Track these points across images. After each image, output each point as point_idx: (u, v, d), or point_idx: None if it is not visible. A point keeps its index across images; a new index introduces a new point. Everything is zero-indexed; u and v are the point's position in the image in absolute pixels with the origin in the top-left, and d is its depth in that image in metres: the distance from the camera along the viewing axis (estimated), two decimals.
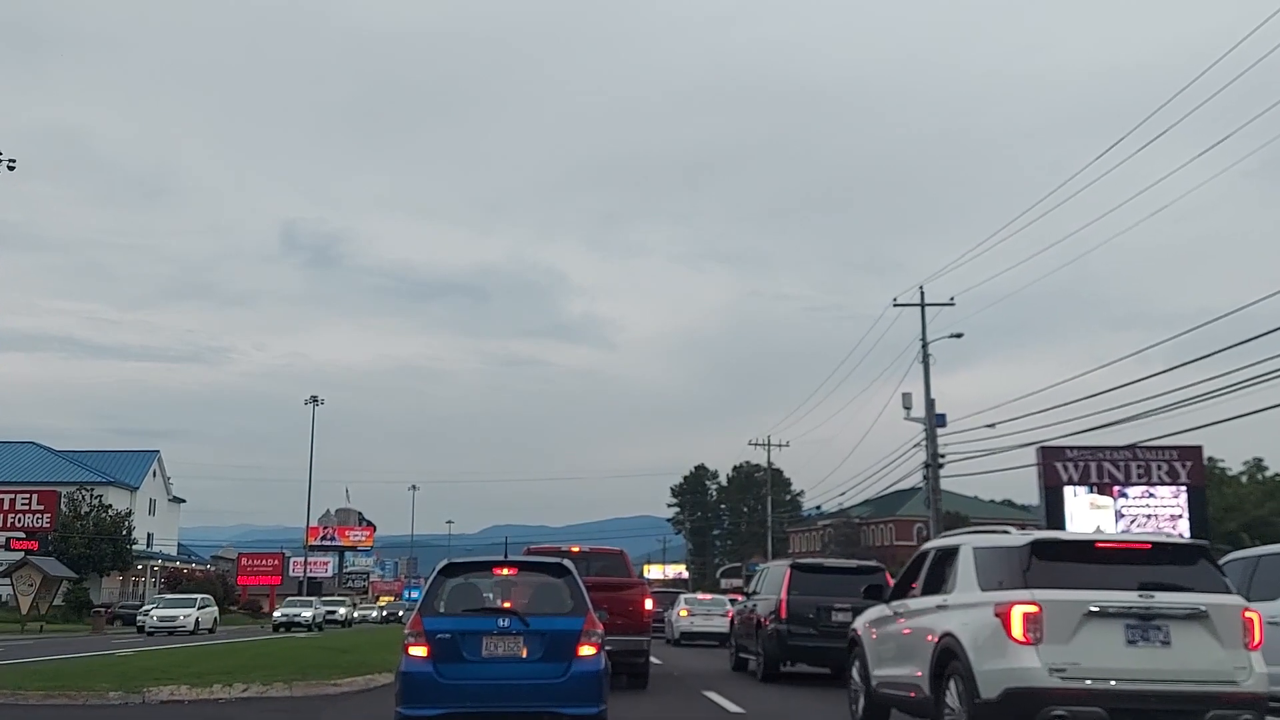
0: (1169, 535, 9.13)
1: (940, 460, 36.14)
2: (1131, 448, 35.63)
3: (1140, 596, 8.21)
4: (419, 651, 8.92)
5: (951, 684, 8.83)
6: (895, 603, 10.86)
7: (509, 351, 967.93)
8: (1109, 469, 36.05)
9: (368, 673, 16.42)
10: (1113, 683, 7.99)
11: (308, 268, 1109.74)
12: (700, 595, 40.31)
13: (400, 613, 77.05)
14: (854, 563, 20.99)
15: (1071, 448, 35.51)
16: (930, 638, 9.32)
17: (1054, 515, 35.93)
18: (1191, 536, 36.17)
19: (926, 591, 10.10)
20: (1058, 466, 36.00)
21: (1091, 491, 35.71)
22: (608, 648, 9.87)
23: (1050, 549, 8.65)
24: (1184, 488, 35.81)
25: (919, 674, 9.53)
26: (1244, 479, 71.27)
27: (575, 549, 16.61)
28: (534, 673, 8.96)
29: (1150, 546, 8.96)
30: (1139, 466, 35.99)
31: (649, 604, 16.53)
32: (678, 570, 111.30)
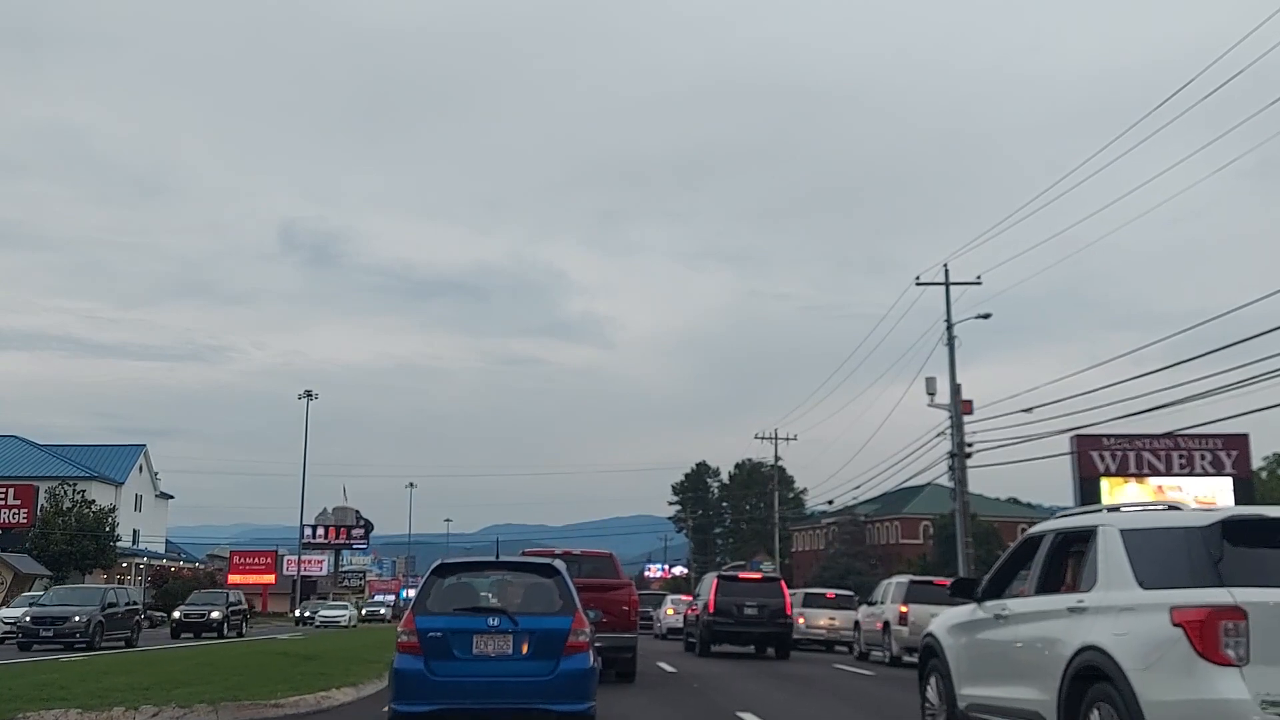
0: None
1: (967, 450, 33.44)
2: (1173, 436, 33.13)
3: None
4: (411, 649, 9.09)
5: (1095, 715, 6.62)
6: (992, 603, 8.53)
7: (508, 350, 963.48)
8: (1149, 458, 33.53)
9: (325, 688, 13.83)
10: None
11: (307, 266, 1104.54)
12: (683, 596, 44.62)
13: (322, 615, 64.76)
14: (760, 574, 30.42)
15: (1109, 436, 32.98)
16: (1060, 652, 7.04)
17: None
18: None
19: (1045, 589, 7.84)
20: (1093, 456, 33.48)
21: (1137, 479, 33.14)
22: (597, 645, 10.12)
23: (1251, 530, 6.30)
24: (1229, 478, 33.28)
25: (1040, 698, 7.29)
26: (1264, 475, 69.50)
27: (568, 551, 17.40)
28: (523, 670, 9.06)
29: None
30: (1181, 456, 33.49)
31: (635, 604, 17.91)
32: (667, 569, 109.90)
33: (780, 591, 26.64)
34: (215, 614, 40.77)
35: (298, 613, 60.77)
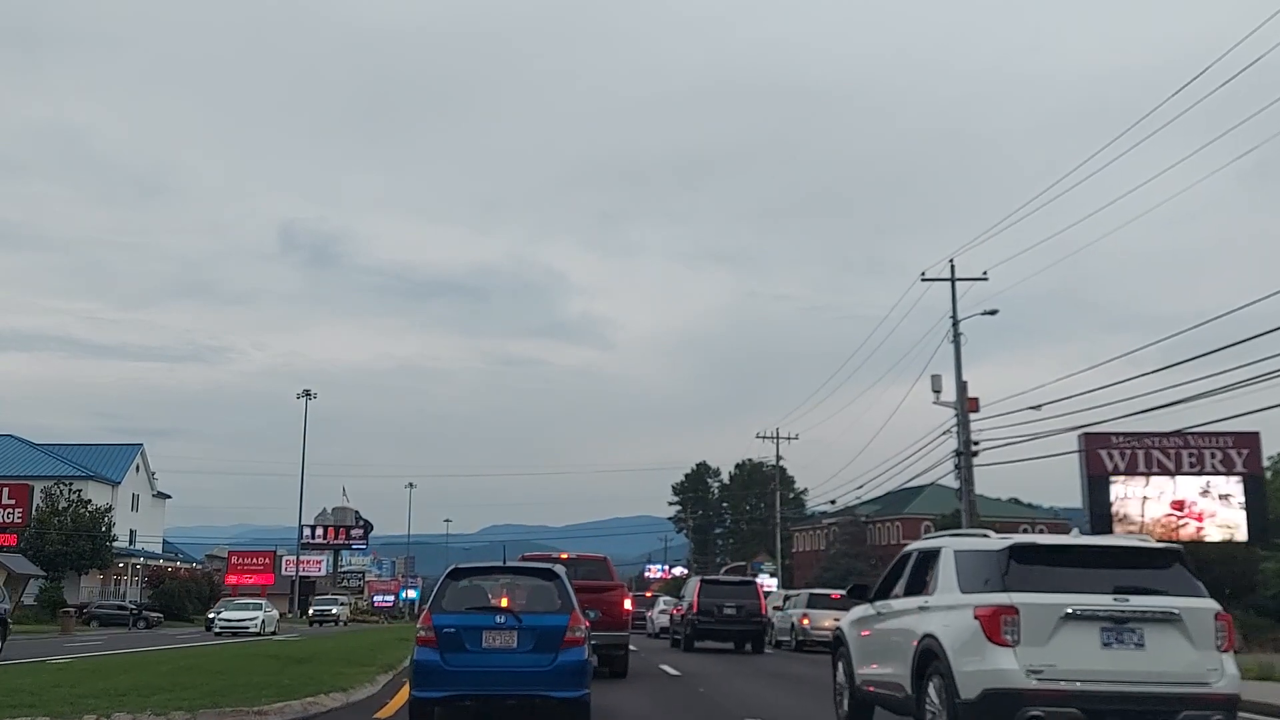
0: (1143, 540, 9.67)
1: (973, 448, 32.89)
2: (1182, 434, 32.55)
3: (1115, 600, 8.35)
4: (429, 643, 10.32)
5: (932, 684, 8.92)
6: (879, 603, 10.82)
7: (508, 351, 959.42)
8: (1158, 457, 32.99)
9: (313, 693, 13.24)
10: (1088, 684, 8.14)
11: (307, 266, 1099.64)
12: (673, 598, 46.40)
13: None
14: (738, 578, 34.18)
15: (1117, 434, 32.41)
16: (912, 638, 9.37)
17: (1098, 507, 32.86)
18: (1250, 530, 33.11)
19: (909, 592, 10.12)
20: (1102, 454, 32.94)
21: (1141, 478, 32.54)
22: (593, 642, 11.47)
23: (1028, 552, 8.71)
24: (1239, 476, 32.75)
25: (901, 673, 9.58)
26: (1269, 475, 68.88)
27: (564, 555, 18.62)
28: (526, 662, 10.30)
29: (1126, 550, 9.13)
30: (1190, 454, 32.96)
31: (628, 604, 19.21)
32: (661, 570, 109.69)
33: (756, 593, 29.65)
34: None
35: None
